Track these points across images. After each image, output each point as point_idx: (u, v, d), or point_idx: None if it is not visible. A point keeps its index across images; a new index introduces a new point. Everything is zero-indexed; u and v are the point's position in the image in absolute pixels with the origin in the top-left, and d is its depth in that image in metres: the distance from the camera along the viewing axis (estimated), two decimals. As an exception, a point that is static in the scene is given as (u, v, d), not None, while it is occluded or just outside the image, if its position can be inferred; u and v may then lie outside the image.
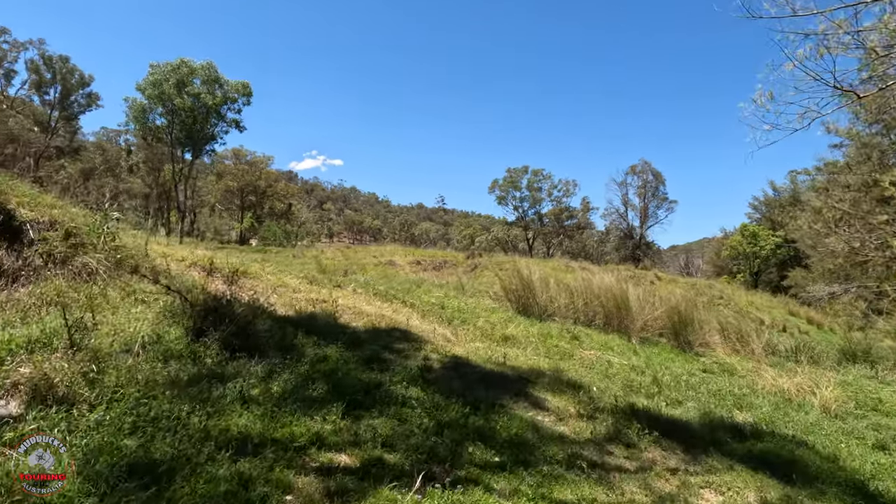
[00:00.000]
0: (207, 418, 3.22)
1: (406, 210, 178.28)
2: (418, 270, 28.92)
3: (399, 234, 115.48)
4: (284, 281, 8.66)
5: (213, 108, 25.77)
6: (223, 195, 72.27)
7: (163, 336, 4.53)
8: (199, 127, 25.96)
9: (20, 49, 58.90)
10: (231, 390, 3.70)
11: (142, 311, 5.21)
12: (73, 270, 5.38)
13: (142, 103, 25.61)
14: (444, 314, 8.73)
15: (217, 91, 26.72)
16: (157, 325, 4.94)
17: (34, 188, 6.86)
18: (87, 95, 60.52)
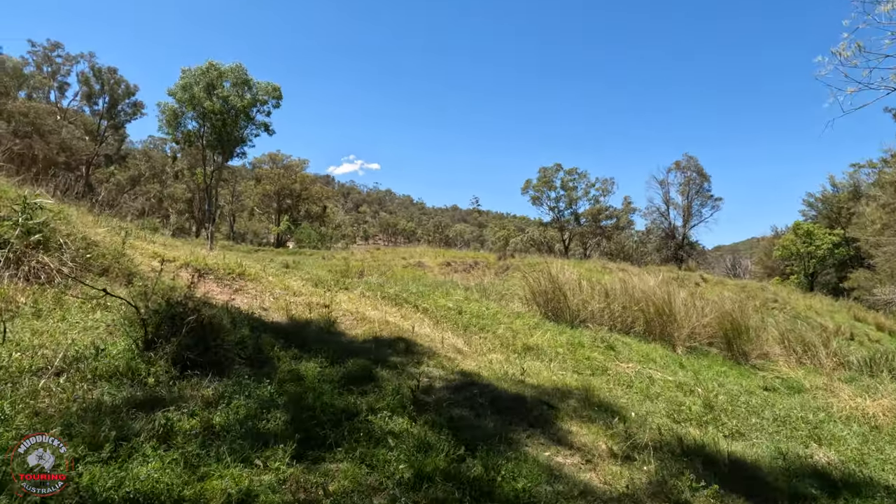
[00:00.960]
0: (101, 467, 2.40)
1: (440, 212, 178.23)
2: (448, 272, 28.05)
3: (433, 236, 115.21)
4: (287, 283, 7.94)
5: (241, 110, 25.73)
6: (261, 199, 73.76)
7: (106, 349, 3.80)
8: (229, 130, 25.99)
9: (73, 62, 62.04)
10: (155, 422, 2.90)
11: (100, 318, 4.54)
12: (28, 272, 4.76)
13: (173, 107, 25.88)
14: (459, 320, 7.79)
15: (246, 93, 26.71)
16: (111, 334, 4.24)
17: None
18: (133, 104, 62.76)
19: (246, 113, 26.15)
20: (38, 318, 4.12)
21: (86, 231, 6.01)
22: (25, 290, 4.52)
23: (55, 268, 4.91)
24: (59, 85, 61.44)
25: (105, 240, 6.05)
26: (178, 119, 26.17)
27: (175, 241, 10.06)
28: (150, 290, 4.88)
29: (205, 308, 4.68)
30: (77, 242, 5.49)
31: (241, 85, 26.80)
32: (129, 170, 69.02)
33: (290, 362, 4.50)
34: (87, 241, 5.64)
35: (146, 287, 5.33)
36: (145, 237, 8.75)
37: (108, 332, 4.27)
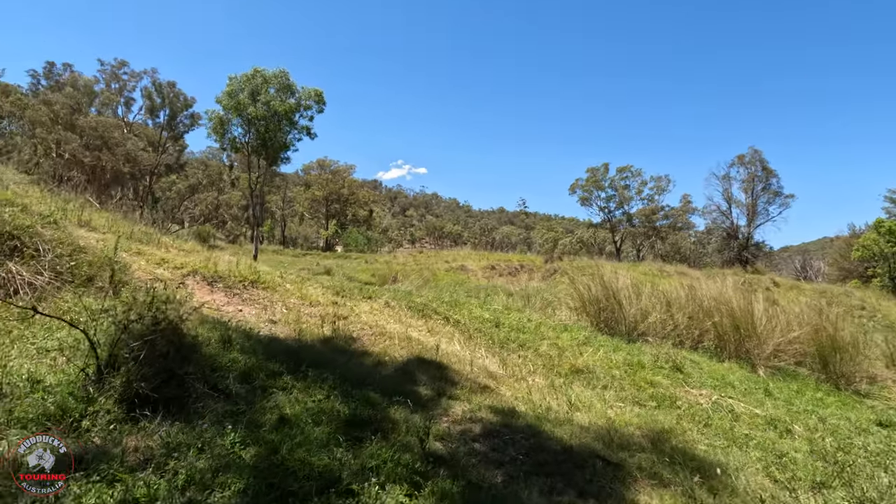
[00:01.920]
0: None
1: (487, 214, 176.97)
2: (492, 276, 26.92)
3: (479, 239, 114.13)
4: (305, 292, 7.19)
5: (284, 114, 25.80)
6: (310, 204, 75.41)
7: (42, 381, 3.08)
8: (272, 134, 26.14)
9: (137, 79, 65.96)
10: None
11: (62, 337, 3.87)
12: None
13: (220, 115, 26.32)
14: (496, 335, 6.75)
15: (290, 98, 26.80)
16: (69, 360, 3.54)
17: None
18: (190, 116, 65.60)
19: (289, 117, 26.20)
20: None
21: (75, 235, 5.48)
22: (-15, 304, 3.92)
23: (26, 278, 4.32)
24: (126, 100, 65.33)
25: (97, 245, 5.48)
26: (224, 126, 26.58)
27: (196, 245, 9.63)
28: (132, 302, 4.17)
29: (186, 323, 3.92)
30: (61, 248, 4.92)
31: (284, 90, 26.91)
32: (189, 179, 72.50)
33: (280, 395, 3.64)
34: (75, 246, 5.08)
35: (132, 298, 4.66)
36: (164, 243, 8.29)
37: (66, 358, 3.57)
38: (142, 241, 7.76)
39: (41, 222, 5.22)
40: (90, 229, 7.51)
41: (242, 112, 25.98)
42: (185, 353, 3.64)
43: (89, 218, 7.99)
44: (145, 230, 9.01)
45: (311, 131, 28.17)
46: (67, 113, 55.60)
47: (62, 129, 54.61)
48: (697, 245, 64.99)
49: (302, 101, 27.48)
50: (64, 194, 9.15)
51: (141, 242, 7.58)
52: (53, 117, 55.19)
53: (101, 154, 55.13)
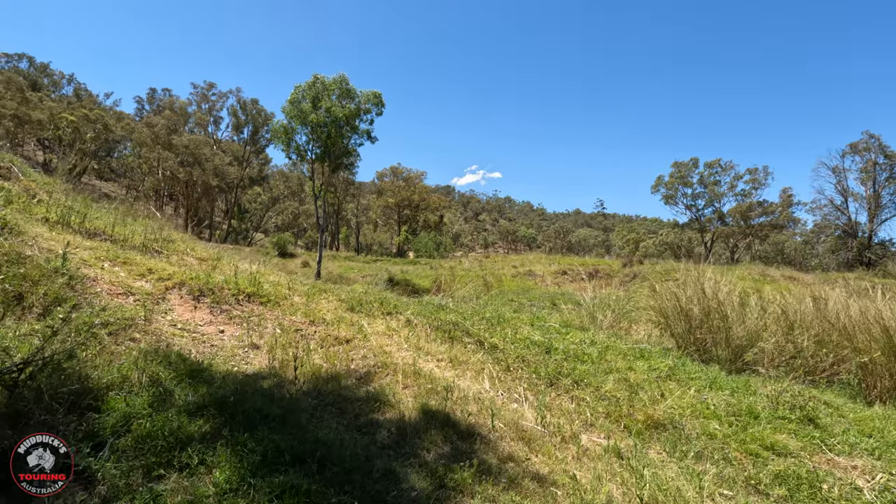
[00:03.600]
0: None
1: (562, 217, 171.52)
2: (562, 282, 24.73)
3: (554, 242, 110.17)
4: (313, 308, 6.03)
5: (343, 119, 25.61)
6: (383, 210, 76.74)
7: None
8: (333, 140, 26.07)
9: (224, 98, 71.11)
10: None
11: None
12: None
13: (284, 124, 26.70)
14: (544, 366, 5.11)
15: (349, 103, 26.62)
16: None
17: None
18: (271, 130, 69.67)
19: (349, 122, 25.98)
20: None
21: (31, 243, 4.69)
22: None
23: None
24: (214, 119, 70.68)
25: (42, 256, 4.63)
26: (288, 135, 26.93)
27: (219, 252, 8.88)
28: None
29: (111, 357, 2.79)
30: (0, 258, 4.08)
31: (344, 95, 26.79)
32: (272, 190, 76.64)
33: (169, 482, 2.37)
34: (17, 255, 4.24)
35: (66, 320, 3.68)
36: (180, 250, 7.55)
37: None
38: (146, 249, 7.04)
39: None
40: (90, 236, 6.89)
41: (305, 119, 26.15)
42: (29, 412, 2.48)
43: (104, 225, 7.44)
44: (168, 237, 8.39)
45: (372, 135, 27.81)
46: (165, 133, 60.79)
47: (161, 148, 59.75)
48: (804, 245, 57.42)
49: (361, 104, 27.20)
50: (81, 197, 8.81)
51: (143, 252, 6.85)
52: (154, 138, 60.58)
53: (193, 170, 59.64)
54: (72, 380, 2.88)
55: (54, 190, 8.87)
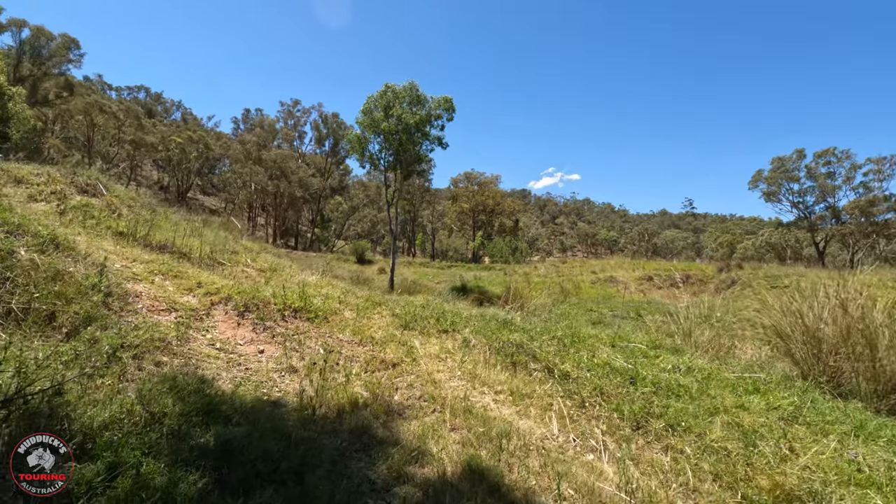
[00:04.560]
0: None
1: (646, 218, 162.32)
2: (647, 289, 22.67)
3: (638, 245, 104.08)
4: (363, 325, 5.53)
5: (413, 126, 25.62)
6: (458, 216, 76.94)
7: None
8: (405, 147, 26.16)
9: (307, 114, 75.19)
10: None
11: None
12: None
13: (357, 134, 27.24)
14: (628, 401, 4.16)
15: (421, 110, 26.60)
16: None
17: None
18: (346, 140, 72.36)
19: (419, 128, 25.94)
20: None
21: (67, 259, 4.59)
22: None
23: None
24: (299, 134, 74.92)
25: (83, 272, 4.49)
26: (362, 144, 27.43)
27: (280, 262, 8.76)
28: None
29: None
30: (35, 275, 3.96)
31: (414, 102, 26.85)
32: (352, 199, 79.76)
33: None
34: (52, 274, 4.12)
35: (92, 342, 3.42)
36: (240, 261, 7.45)
37: None
38: (208, 261, 6.97)
39: (34, 244, 4.41)
40: (157, 249, 6.93)
41: (377, 128, 26.47)
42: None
43: (170, 238, 7.52)
44: (232, 248, 8.39)
45: (443, 140, 27.55)
46: (256, 149, 65.34)
47: (252, 163, 64.28)
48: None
49: (432, 110, 27.06)
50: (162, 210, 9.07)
51: (203, 264, 6.77)
52: (246, 154, 65.36)
53: (280, 182, 63.51)
54: (56, 420, 2.51)
55: (134, 204, 9.24)
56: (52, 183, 8.28)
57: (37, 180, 8.20)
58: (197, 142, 66.29)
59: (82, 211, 7.46)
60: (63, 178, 8.59)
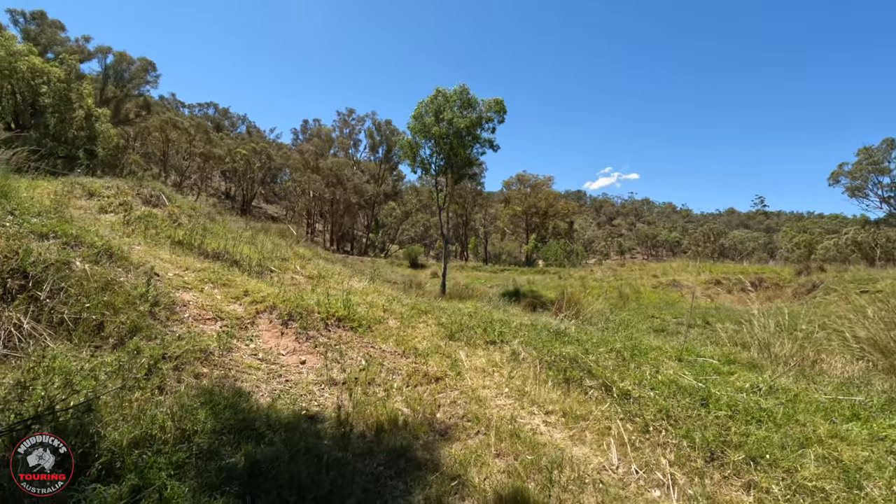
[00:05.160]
0: None
1: (711, 218, 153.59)
2: (715, 293, 21.10)
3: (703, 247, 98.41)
4: (407, 335, 5.33)
5: (464, 129, 25.46)
6: (510, 219, 76.18)
7: None
8: (455, 151, 26.06)
9: (361, 122, 77.21)
10: None
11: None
12: (-24, 333, 3.37)
13: (409, 139, 27.43)
14: (699, 427, 3.67)
15: (472, 113, 26.42)
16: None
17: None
18: (398, 146, 73.65)
19: (470, 131, 25.76)
20: None
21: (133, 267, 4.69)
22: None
23: (6, 326, 3.43)
24: (354, 142, 77.06)
25: (131, 280, 4.57)
26: (413, 149, 27.59)
27: (329, 268, 8.77)
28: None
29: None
30: (87, 285, 4.06)
31: (465, 105, 26.69)
32: (405, 205, 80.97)
33: None
34: (106, 282, 4.20)
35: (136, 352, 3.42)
36: (290, 268, 7.50)
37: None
38: (259, 269, 7.05)
39: (89, 255, 4.54)
40: (213, 257, 7.10)
41: (428, 133, 26.53)
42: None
43: (221, 246, 7.70)
44: (283, 255, 8.50)
45: (494, 143, 27.19)
46: (313, 158, 67.79)
47: (310, 172, 66.74)
48: None
49: (483, 113, 26.78)
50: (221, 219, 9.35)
51: (254, 272, 6.84)
52: (304, 163, 67.95)
53: (336, 189, 65.47)
54: (89, 437, 2.44)
55: (194, 214, 9.60)
56: (120, 195, 8.75)
57: (107, 193, 8.70)
58: (260, 153, 69.66)
59: (145, 221, 7.79)
60: (130, 189, 9.06)
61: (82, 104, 23.89)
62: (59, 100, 22.38)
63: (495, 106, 26.91)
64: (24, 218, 4.59)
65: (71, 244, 4.59)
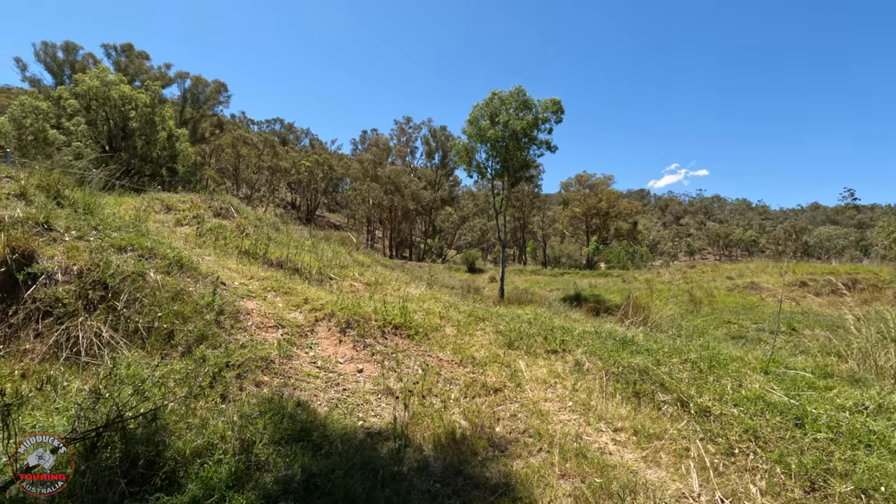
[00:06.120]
0: None
1: (792, 214, 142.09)
2: (800, 296, 19.26)
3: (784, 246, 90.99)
4: (466, 342, 5.20)
5: (521, 131, 25.09)
6: (570, 221, 74.42)
7: None
8: (511, 154, 25.74)
9: (418, 130, 78.43)
10: None
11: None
12: (63, 339, 3.62)
13: (465, 143, 27.41)
14: (797, 450, 3.24)
15: (528, 115, 26.02)
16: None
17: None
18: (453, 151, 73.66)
19: (527, 133, 25.36)
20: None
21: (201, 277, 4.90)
22: (33, 367, 3.30)
23: (88, 334, 3.65)
24: (411, 149, 78.38)
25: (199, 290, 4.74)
26: (469, 154, 27.54)
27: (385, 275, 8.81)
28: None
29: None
30: (160, 295, 4.26)
31: (521, 107, 26.34)
32: (462, 209, 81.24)
33: None
34: (176, 292, 4.40)
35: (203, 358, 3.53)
36: (349, 275, 7.62)
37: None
38: (318, 276, 7.20)
39: (162, 266, 4.79)
40: (276, 265, 7.33)
41: (484, 137, 26.37)
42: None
43: (284, 254, 7.95)
44: (343, 262, 8.66)
45: (551, 144, 26.58)
46: (372, 167, 69.67)
47: (369, 180, 68.62)
48: None
49: (539, 114, 26.27)
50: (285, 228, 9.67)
51: (314, 280, 6.99)
52: (364, 172, 69.97)
53: (394, 196, 66.85)
54: (154, 446, 2.50)
55: (260, 224, 10.03)
56: (193, 208, 9.30)
57: (182, 206, 9.28)
58: (322, 164, 72.57)
59: (215, 232, 8.22)
60: (202, 203, 9.62)
61: (164, 126, 25.92)
62: (145, 123, 24.41)
63: (552, 106, 26.32)
64: (106, 232, 4.92)
65: (146, 256, 4.86)
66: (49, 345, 3.57)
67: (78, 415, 2.50)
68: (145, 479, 2.41)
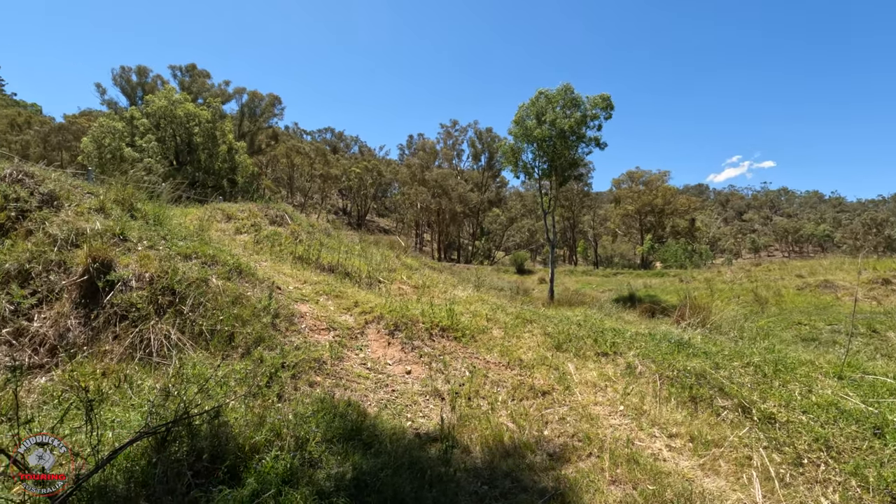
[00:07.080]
0: None
1: (872, 205, 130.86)
2: (884, 295, 17.59)
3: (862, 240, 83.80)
4: (513, 344, 5.18)
5: (569, 130, 24.60)
6: (622, 219, 72.22)
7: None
8: (559, 152, 25.31)
9: (464, 133, 78.64)
10: None
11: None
12: (137, 341, 3.93)
13: (511, 144, 27.24)
14: (875, 462, 2.99)
15: (576, 112, 25.51)
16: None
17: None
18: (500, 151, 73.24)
19: (574, 131, 24.84)
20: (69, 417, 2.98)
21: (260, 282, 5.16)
22: (112, 366, 3.61)
23: (159, 337, 3.93)
24: (457, 152, 78.72)
25: (256, 294, 4.98)
26: (515, 154, 27.34)
27: (433, 278, 8.89)
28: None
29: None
30: (221, 299, 4.53)
31: (569, 105, 25.85)
32: (510, 211, 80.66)
33: None
34: (236, 296, 4.65)
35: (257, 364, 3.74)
36: (398, 279, 7.77)
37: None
38: (368, 280, 7.39)
39: (223, 272, 5.09)
40: (328, 270, 7.59)
41: (530, 136, 26.09)
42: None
43: (335, 259, 8.22)
44: (391, 265, 8.84)
45: (600, 141, 25.91)
46: (420, 171, 70.55)
47: (417, 184, 69.51)
48: None
49: (587, 111, 25.66)
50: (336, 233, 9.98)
51: (363, 283, 7.18)
52: (411, 176, 70.97)
53: (442, 199, 67.34)
54: (217, 441, 2.67)
55: (313, 230, 10.41)
56: (251, 217, 9.80)
57: (241, 215, 9.80)
58: (371, 170, 74.25)
59: (271, 239, 8.62)
60: (259, 211, 10.12)
61: (225, 139, 27.45)
62: (207, 137, 25.95)
63: (601, 103, 25.66)
64: (173, 242, 5.29)
65: (209, 263, 5.19)
66: (125, 346, 3.88)
67: (150, 411, 2.71)
68: (209, 472, 2.57)
